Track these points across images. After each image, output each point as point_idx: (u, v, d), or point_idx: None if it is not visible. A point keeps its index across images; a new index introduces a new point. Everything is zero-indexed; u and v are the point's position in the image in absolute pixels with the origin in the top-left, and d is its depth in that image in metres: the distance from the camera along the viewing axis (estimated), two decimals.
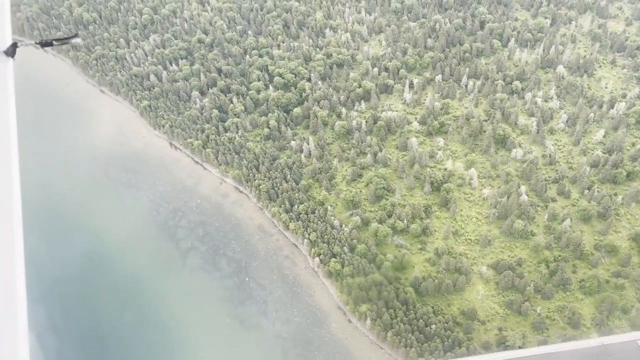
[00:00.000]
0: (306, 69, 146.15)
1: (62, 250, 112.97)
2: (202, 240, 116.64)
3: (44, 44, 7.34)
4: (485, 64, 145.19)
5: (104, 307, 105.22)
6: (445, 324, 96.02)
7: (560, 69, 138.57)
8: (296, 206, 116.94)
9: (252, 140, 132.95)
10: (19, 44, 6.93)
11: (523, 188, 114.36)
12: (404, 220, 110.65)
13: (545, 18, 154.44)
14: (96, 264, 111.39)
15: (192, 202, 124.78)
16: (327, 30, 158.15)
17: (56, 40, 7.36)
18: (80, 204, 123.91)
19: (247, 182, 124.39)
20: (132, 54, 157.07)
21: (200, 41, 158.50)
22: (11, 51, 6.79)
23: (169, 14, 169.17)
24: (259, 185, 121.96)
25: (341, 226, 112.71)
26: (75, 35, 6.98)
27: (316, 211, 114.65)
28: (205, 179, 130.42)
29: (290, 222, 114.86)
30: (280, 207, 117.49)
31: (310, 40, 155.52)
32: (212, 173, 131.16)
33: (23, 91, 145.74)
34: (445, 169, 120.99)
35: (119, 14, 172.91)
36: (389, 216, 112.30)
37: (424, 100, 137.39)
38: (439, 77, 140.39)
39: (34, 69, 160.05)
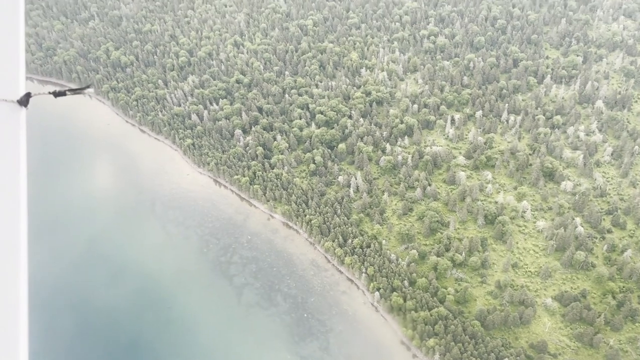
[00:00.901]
0: (346, 106, 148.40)
1: (115, 289, 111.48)
2: (256, 277, 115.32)
3: (58, 94, 7.55)
4: (523, 100, 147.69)
5: (162, 346, 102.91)
6: (517, 358, 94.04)
7: (599, 103, 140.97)
8: (350, 240, 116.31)
9: (298, 176, 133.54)
10: (32, 94, 7.11)
11: (578, 220, 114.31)
12: (462, 253, 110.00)
13: (577, 56, 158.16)
14: (151, 302, 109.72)
15: (242, 238, 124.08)
16: (362, 70, 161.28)
17: (70, 90, 7.53)
18: (130, 241, 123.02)
19: (297, 217, 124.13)
20: (172, 94, 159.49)
21: (238, 81, 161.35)
22: (24, 101, 6.96)
23: (205, 56, 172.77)
24: (310, 220, 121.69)
25: (397, 260, 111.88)
26: (88, 86, 7.55)
27: (371, 245, 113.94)
28: (253, 215, 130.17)
29: (346, 256, 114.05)
30: (334, 241, 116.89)
31: (347, 79, 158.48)
32: (259, 209, 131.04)
33: (65, 132, 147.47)
34: (496, 202, 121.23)
35: (155, 56, 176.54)
36: (447, 249, 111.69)
37: (467, 135, 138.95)
38: (479, 113, 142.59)
39: (73, 111, 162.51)
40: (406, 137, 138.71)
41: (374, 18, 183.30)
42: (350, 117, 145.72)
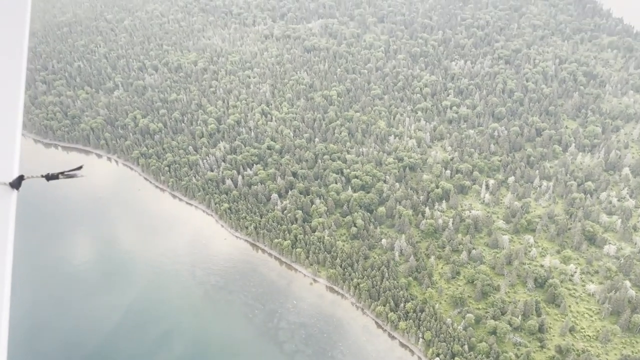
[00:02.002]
0: (380, 171, 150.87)
1: (162, 357, 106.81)
2: (306, 343, 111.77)
3: (50, 177, 7.71)
4: (550, 167, 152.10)
5: None
6: None
7: (626, 170, 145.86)
8: (402, 304, 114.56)
9: (339, 240, 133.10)
10: (25, 177, 7.28)
11: (627, 283, 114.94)
12: (518, 317, 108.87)
13: (596, 126, 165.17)
14: None
15: (287, 303, 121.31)
16: (391, 137, 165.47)
17: (62, 173, 7.81)
18: (173, 308, 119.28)
19: (344, 281, 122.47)
20: (204, 160, 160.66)
21: (269, 148, 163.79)
22: (16, 183, 7.12)
23: (233, 124, 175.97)
24: (358, 284, 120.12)
25: (453, 324, 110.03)
26: (80, 168, 7.76)
27: (425, 309, 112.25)
28: (296, 279, 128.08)
29: (400, 321, 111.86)
30: (385, 305, 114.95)
31: (377, 146, 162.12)
32: (301, 273, 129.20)
33: (98, 197, 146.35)
34: (542, 266, 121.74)
35: (182, 124, 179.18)
36: (503, 313, 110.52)
37: (502, 200, 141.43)
38: (511, 179, 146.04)
39: (103, 177, 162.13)
40: (443, 201, 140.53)
41: (395, 90, 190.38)
42: (385, 181, 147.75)
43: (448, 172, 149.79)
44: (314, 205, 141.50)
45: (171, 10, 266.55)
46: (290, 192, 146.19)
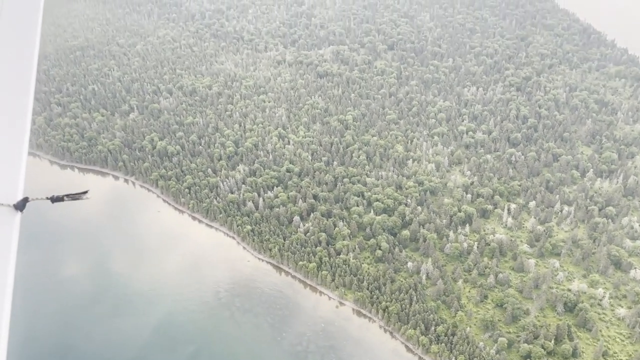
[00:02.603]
0: (401, 195, 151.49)
1: None
2: None
3: (55, 199, 7.91)
4: (569, 192, 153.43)
5: None
6: None
7: None
8: (433, 328, 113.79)
9: (363, 262, 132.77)
10: (29, 199, 7.42)
11: None
12: (551, 341, 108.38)
13: (612, 152, 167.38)
14: None
15: (315, 326, 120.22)
16: (409, 162, 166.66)
17: (67, 196, 8.01)
18: (199, 330, 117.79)
19: (372, 304, 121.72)
20: (224, 182, 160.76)
21: (289, 170, 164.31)
22: (21, 205, 7.28)
23: (251, 147, 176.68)
24: (387, 307, 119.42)
25: (485, 348, 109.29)
26: (85, 192, 8.00)
27: (457, 332, 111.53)
28: (322, 302, 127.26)
29: (431, 344, 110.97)
30: (415, 329, 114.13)
31: (395, 170, 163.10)
32: (327, 295, 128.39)
33: (117, 218, 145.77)
34: (569, 290, 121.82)
35: (200, 146, 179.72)
36: (535, 337, 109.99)
37: (525, 224, 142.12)
38: (532, 203, 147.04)
39: (122, 199, 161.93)
40: (467, 225, 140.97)
41: (410, 115, 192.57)
42: (406, 205, 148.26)
43: (469, 196, 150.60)
44: (336, 228, 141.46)
45: (183, 35, 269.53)
46: (312, 215, 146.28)
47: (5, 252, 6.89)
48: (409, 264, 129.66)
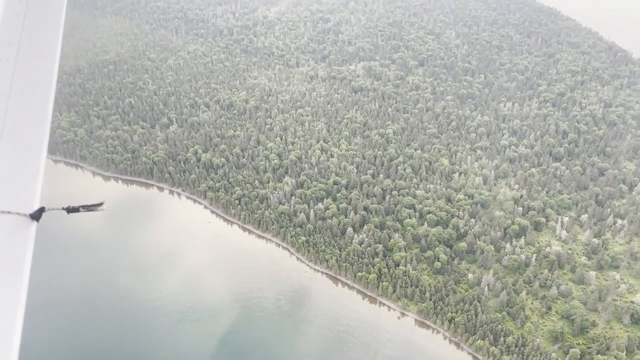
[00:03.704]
0: (452, 207, 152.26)
1: None
2: None
3: (70, 210, 7.83)
4: (619, 205, 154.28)
5: None
6: None
7: None
8: (502, 339, 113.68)
9: (422, 274, 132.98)
10: (46, 209, 7.45)
11: None
12: (623, 352, 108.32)
13: None
14: None
15: (380, 336, 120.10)
16: (455, 175, 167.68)
17: (83, 207, 7.94)
18: (264, 339, 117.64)
19: (436, 315, 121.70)
20: (273, 194, 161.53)
21: (336, 183, 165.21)
22: (37, 215, 7.29)
23: (295, 159, 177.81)
24: (452, 318, 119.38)
25: (557, 359, 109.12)
26: (101, 204, 7.88)
27: (528, 343, 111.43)
28: (383, 313, 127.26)
29: (502, 355, 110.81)
30: (484, 340, 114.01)
31: (442, 183, 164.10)
32: (387, 306, 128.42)
33: (172, 229, 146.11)
34: (632, 302, 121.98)
35: (243, 159, 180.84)
36: (608, 348, 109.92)
37: (579, 237, 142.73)
38: (584, 217, 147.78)
39: (170, 211, 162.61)
40: (522, 237, 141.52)
41: (450, 129, 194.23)
42: (459, 217, 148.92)
43: (519, 208, 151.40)
44: (392, 240, 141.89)
45: (213, 50, 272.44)
46: (365, 226, 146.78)
47: (20, 263, 6.88)
48: (470, 276, 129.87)
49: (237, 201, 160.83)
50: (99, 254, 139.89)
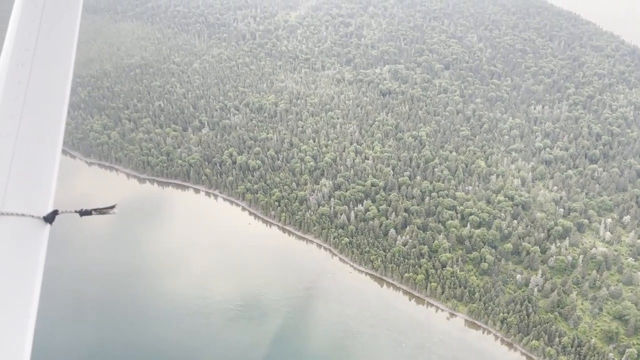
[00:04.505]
0: (494, 208, 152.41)
1: None
2: None
3: (83, 212, 7.95)
4: None
5: None
6: None
7: None
8: (556, 339, 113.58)
9: (471, 275, 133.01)
10: (59, 212, 7.52)
11: None
12: None
13: None
14: None
15: (432, 337, 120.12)
16: (492, 177, 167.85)
17: (95, 210, 8.04)
18: (318, 339, 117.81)
19: (488, 315, 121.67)
20: (312, 196, 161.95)
21: (373, 185, 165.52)
22: (50, 218, 7.37)
23: (330, 161, 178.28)
24: (504, 318, 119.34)
25: (613, 359, 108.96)
26: (113, 207, 7.91)
27: (584, 344, 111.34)
28: (432, 313, 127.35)
29: (559, 355, 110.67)
30: (539, 340, 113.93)
31: (480, 185, 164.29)
32: (435, 307, 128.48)
33: (213, 230, 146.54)
34: None
35: (278, 161, 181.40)
36: None
37: (623, 238, 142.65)
38: (626, 218, 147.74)
39: (210, 212, 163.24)
40: (567, 238, 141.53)
41: (483, 131, 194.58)
42: (502, 218, 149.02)
43: (560, 210, 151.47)
44: (436, 241, 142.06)
45: (237, 54, 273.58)
46: (408, 228, 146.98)
47: (33, 264, 6.93)
48: (518, 277, 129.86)
49: (276, 203, 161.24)
50: (142, 255, 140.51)
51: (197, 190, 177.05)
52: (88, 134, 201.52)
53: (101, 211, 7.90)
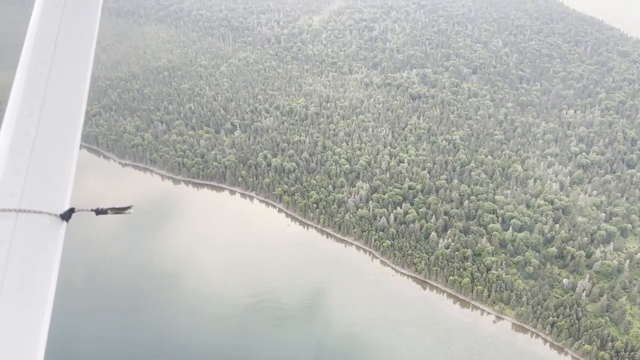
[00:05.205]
0: (535, 212, 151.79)
1: None
2: None
3: (99, 212, 8.00)
4: None
5: None
6: None
7: None
8: (609, 344, 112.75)
9: (517, 278, 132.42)
10: (76, 210, 7.58)
11: None
12: None
13: None
14: None
15: (481, 340, 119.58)
16: (529, 181, 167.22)
17: (111, 209, 8.07)
18: (365, 344, 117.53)
19: (537, 319, 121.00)
20: (351, 198, 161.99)
21: (410, 188, 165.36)
22: (67, 215, 7.42)
23: (365, 164, 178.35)
24: (554, 322, 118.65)
25: None
26: (129, 207, 7.91)
27: (638, 349, 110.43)
28: (478, 317, 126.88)
29: None
30: (591, 344, 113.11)
31: (518, 189, 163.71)
32: (480, 310, 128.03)
33: (253, 232, 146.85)
34: None
35: (313, 164, 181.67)
36: None
37: None
38: None
39: (248, 214, 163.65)
40: (610, 243, 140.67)
41: (516, 135, 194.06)
42: (544, 222, 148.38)
43: (602, 214, 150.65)
44: (478, 245, 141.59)
45: (263, 58, 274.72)
46: (449, 231, 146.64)
47: (50, 261, 6.99)
48: (565, 281, 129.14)
49: (314, 205, 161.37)
50: (186, 255, 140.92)
51: (232, 192, 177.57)
52: (122, 135, 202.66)
53: (117, 211, 7.94)
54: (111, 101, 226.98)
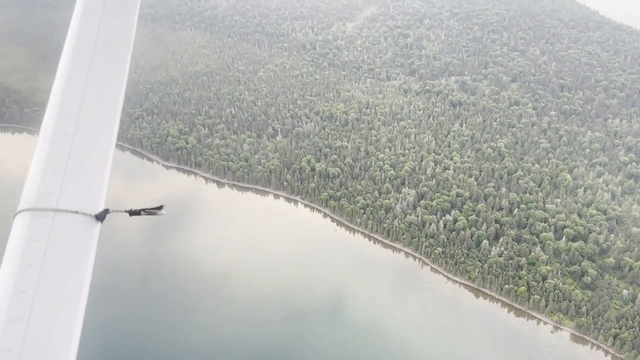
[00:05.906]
0: (588, 222, 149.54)
1: None
2: None
3: (133, 212, 8.12)
4: None
5: None
6: None
7: None
8: None
9: (575, 288, 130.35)
10: (110, 211, 7.72)
11: None
12: None
13: None
14: None
15: (540, 350, 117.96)
16: (579, 190, 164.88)
17: (144, 210, 8.17)
18: (420, 352, 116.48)
19: (598, 331, 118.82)
20: (398, 204, 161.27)
21: (458, 195, 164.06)
22: (102, 216, 7.53)
23: (410, 170, 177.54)
24: (617, 334, 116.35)
25: None
26: (161, 207, 8.01)
27: None
28: (535, 326, 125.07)
29: None
30: None
31: (569, 198, 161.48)
32: (536, 319, 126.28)
33: (301, 238, 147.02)
34: None
35: (357, 169, 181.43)
36: None
37: None
38: None
39: (294, 219, 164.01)
40: None
41: (562, 144, 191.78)
42: (597, 232, 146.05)
43: None
44: (532, 253, 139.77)
45: (300, 63, 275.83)
46: (502, 239, 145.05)
47: (84, 261, 7.03)
48: (624, 292, 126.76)
49: (361, 210, 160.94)
50: (234, 257, 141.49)
51: (276, 196, 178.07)
52: (165, 138, 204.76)
53: (150, 212, 8.02)
54: (153, 104, 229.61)
